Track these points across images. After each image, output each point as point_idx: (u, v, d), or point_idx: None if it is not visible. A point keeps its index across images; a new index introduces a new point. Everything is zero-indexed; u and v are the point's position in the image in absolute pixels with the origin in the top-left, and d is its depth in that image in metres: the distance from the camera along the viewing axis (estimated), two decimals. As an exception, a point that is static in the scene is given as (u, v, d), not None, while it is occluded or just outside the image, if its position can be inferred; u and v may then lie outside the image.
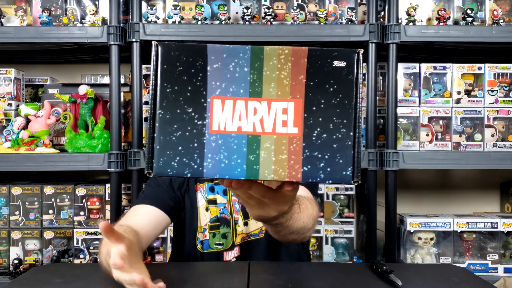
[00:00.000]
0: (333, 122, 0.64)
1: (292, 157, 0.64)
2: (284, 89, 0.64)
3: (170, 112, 0.64)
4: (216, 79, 0.65)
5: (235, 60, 0.65)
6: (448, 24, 1.88)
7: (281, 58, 0.65)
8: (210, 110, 0.64)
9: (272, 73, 0.65)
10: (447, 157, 1.81)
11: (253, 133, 0.64)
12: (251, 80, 0.65)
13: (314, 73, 0.64)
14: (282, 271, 1.11)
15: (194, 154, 0.64)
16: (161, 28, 1.79)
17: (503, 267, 1.87)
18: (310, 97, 0.64)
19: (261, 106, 0.64)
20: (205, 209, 1.35)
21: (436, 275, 1.12)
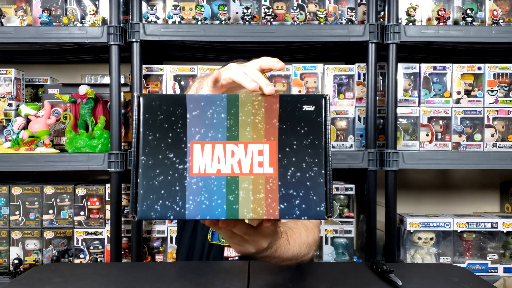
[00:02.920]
0: (305, 161, 0.68)
1: (269, 195, 0.67)
2: (259, 132, 0.69)
3: (153, 158, 0.68)
4: (196, 125, 0.69)
5: (212, 107, 0.70)
6: (448, 24, 1.88)
7: (255, 104, 0.70)
8: (190, 154, 0.68)
9: (247, 118, 0.69)
10: (447, 157, 1.81)
11: (231, 174, 0.68)
12: (228, 125, 0.69)
13: (286, 117, 0.69)
14: (282, 271, 1.11)
15: (176, 197, 0.67)
16: (161, 28, 1.79)
17: (503, 267, 1.87)
18: (283, 139, 0.69)
19: (238, 149, 0.68)
20: None
21: (436, 275, 1.12)
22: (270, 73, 1.93)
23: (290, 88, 1.93)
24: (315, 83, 1.93)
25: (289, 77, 1.93)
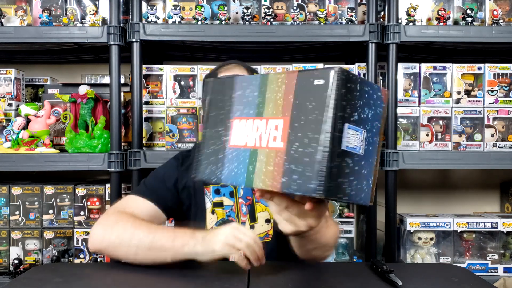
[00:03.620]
0: (307, 137, 0.68)
1: (276, 168, 0.70)
2: (278, 108, 0.72)
3: (210, 131, 0.80)
4: (238, 103, 0.78)
5: (250, 87, 0.77)
6: (448, 24, 1.88)
7: (279, 81, 0.73)
8: (230, 128, 0.78)
9: (272, 95, 0.73)
10: (447, 157, 1.81)
11: (253, 147, 0.74)
12: (257, 102, 0.75)
13: (300, 93, 0.70)
14: (282, 271, 1.11)
15: (218, 164, 0.78)
16: (161, 28, 1.79)
17: (503, 267, 1.87)
18: (294, 114, 0.70)
19: (261, 123, 0.74)
20: (211, 212, 1.34)
21: (436, 275, 1.12)
22: (270, 73, 1.93)
23: (290, 88, 1.93)
24: (315, 83, 1.93)
25: (289, 77, 1.93)
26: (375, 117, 0.72)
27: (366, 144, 0.71)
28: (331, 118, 0.66)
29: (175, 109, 1.90)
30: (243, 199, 1.34)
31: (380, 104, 0.73)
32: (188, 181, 1.34)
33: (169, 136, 1.90)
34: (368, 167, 0.72)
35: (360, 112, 0.69)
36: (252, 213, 1.33)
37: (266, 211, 1.33)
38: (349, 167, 0.69)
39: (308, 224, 0.80)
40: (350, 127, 0.68)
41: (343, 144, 0.68)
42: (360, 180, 0.70)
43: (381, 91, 0.73)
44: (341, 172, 0.68)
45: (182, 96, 1.93)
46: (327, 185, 0.66)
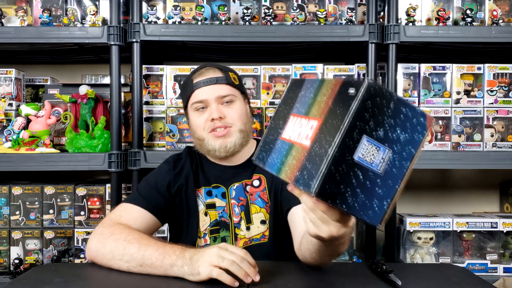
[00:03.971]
0: (326, 139, 0.70)
1: (297, 163, 0.74)
2: (319, 111, 0.76)
3: (273, 123, 0.88)
4: (299, 101, 0.84)
5: (310, 88, 0.81)
6: (448, 24, 1.88)
7: (329, 86, 0.76)
8: (286, 123, 0.83)
9: (320, 98, 0.77)
10: (447, 157, 1.82)
11: (292, 141, 0.78)
12: (310, 103, 0.80)
13: (337, 99, 0.73)
14: (282, 271, 1.11)
15: (268, 151, 0.85)
16: (161, 28, 1.80)
17: (503, 266, 1.87)
18: (326, 117, 0.73)
19: (304, 122, 0.78)
20: (204, 213, 1.35)
21: (435, 274, 1.12)
22: (270, 73, 1.93)
23: (290, 88, 1.93)
24: (315, 83, 1.93)
25: (289, 77, 1.93)
26: (410, 142, 0.71)
27: (389, 165, 0.70)
28: (347, 125, 0.67)
29: (175, 109, 1.90)
30: (235, 199, 1.35)
31: (421, 130, 0.72)
32: (180, 185, 1.34)
33: (169, 136, 1.90)
34: (385, 188, 0.71)
35: (388, 130, 0.70)
36: (247, 215, 1.33)
37: (261, 212, 1.33)
38: (358, 180, 0.69)
39: (330, 232, 0.80)
40: (368, 140, 0.69)
41: (355, 154, 0.68)
42: (370, 197, 0.70)
43: (426, 118, 0.72)
44: (346, 180, 0.68)
45: (182, 96, 1.93)
46: (325, 186, 0.67)
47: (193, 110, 1.34)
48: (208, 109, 1.32)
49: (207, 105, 1.32)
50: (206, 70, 1.36)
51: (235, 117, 1.32)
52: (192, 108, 1.35)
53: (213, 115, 1.30)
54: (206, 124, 1.31)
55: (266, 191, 1.34)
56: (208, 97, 1.32)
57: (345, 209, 0.69)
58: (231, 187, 1.35)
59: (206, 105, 1.32)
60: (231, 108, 1.33)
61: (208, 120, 1.31)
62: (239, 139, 1.31)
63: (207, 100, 1.32)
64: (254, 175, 1.36)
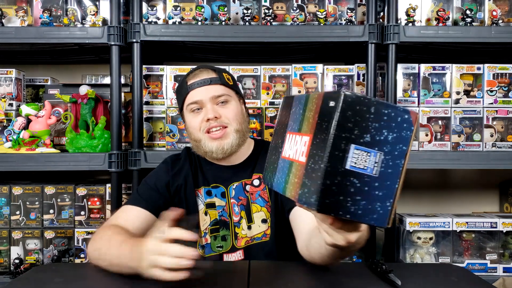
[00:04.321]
0: (318, 154, 0.72)
1: (298, 181, 0.75)
2: (309, 126, 0.77)
3: (273, 142, 0.90)
4: (291, 119, 0.86)
5: (299, 105, 0.83)
6: (447, 24, 1.88)
7: (313, 101, 0.78)
8: (284, 141, 0.85)
9: (308, 113, 0.79)
10: (446, 157, 1.82)
11: (292, 159, 0.80)
12: (300, 119, 0.82)
13: (321, 113, 0.75)
14: (282, 271, 1.11)
15: (273, 172, 0.87)
16: (161, 28, 1.80)
17: (502, 266, 1.87)
18: (315, 132, 0.74)
19: (299, 139, 0.80)
20: (204, 213, 1.35)
21: (435, 274, 1.12)
22: (270, 74, 1.93)
23: (290, 88, 1.93)
24: (314, 84, 1.94)
25: (289, 77, 1.94)
26: (399, 140, 0.72)
27: (383, 166, 0.72)
28: (331, 138, 0.69)
29: (175, 109, 1.91)
30: (235, 199, 1.35)
31: (408, 127, 0.73)
32: (179, 185, 1.35)
33: (169, 136, 1.91)
34: (385, 190, 0.72)
35: (374, 134, 0.71)
36: (248, 214, 1.34)
37: (262, 211, 1.34)
38: (355, 187, 0.70)
39: (347, 240, 0.82)
40: (357, 148, 0.70)
41: (347, 164, 0.70)
42: (371, 201, 0.71)
43: (410, 113, 0.73)
44: (343, 190, 0.70)
45: (182, 96, 1.93)
46: (324, 201, 0.69)
47: (189, 111, 1.35)
48: (203, 109, 1.33)
49: (202, 106, 1.33)
50: (200, 72, 1.37)
51: (230, 117, 1.33)
52: (187, 109, 1.35)
53: (209, 115, 1.30)
54: (201, 124, 1.32)
55: (266, 190, 1.35)
56: (202, 98, 1.32)
57: (349, 218, 0.70)
58: (231, 187, 1.36)
59: (201, 106, 1.33)
60: (226, 108, 1.33)
61: (204, 121, 1.31)
62: (235, 139, 1.32)
63: (202, 101, 1.32)
64: (254, 174, 1.37)
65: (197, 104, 1.33)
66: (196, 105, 1.33)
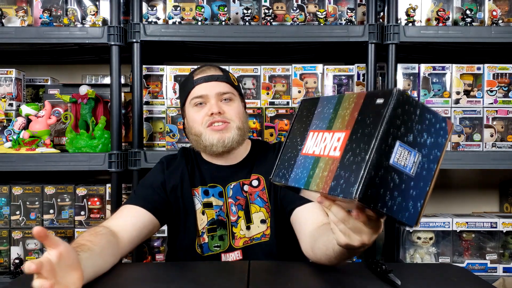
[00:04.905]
0: (360, 147, 0.73)
1: (329, 174, 0.76)
2: (344, 123, 0.80)
3: (290, 141, 0.92)
4: (316, 118, 0.88)
5: (328, 105, 0.86)
6: (447, 24, 1.88)
7: (350, 100, 0.80)
8: (306, 139, 0.87)
9: (342, 112, 0.81)
10: (446, 157, 1.82)
11: (317, 155, 0.82)
12: (330, 118, 0.84)
13: (363, 110, 0.77)
14: (282, 271, 1.11)
15: (289, 168, 0.87)
16: (161, 28, 1.80)
17: (502, 266, 1.87)
18: (355, 128, 0.76)
19: (329, 135, 0.82)
20: (201, 212, 1.35)
21: (435, 274, 1.12)
22: (270, 74, 1.93)
23: (290, 88, 1.93)
24: (314, 84, 1.94)
25: (289, 77, 1.94)
26: (435, 145, 0.76)
27: (419, 167, 0.74)
28: (382, 131, 0.71)
29: (175, 109, 1.91)
30: (232, 199, 1.35)
31: (443, 134, 0.76)
32: (175, 184, 1.35)
33: (169, 136, 1.91)
34: (418, 190, 0.75)
35: (416, 136, 0.74)
36: (247, 214, 1.34)
37: (261, 212, 1.34)
38: (395, 183, 0.72)
39: (362, 240, 0.82)
40: (401, 145, 0.73)
41: (391, 159, 0.72)
42: (406, 199, 0.74)
43: (447, 123, 0.76)
44: (384, 184, 0.71)
45: (182, 96, 1.93)
46: (366, 190, 0.70)
47: (192, 105, 1.35)
48: (208, 104, 1.33)
49: (206, 101, 1.34)
50: (207, 68, 1.39)
51: (233, 114, 1.34)
52: (191, 103, 1.36)
53: (213, 109, 1.31)
54: (204, 118, 1.32)
55: (265, 190, 1.35)
56: (208, 93, 1.33)
57: (385, 212, 0.72)
58: (228, 186, 1.36)
59: (205, 101, 1.34)
60: (229, 106, 1.34)
61: (207, 115, 1.32)
62: (236, 135, 1.32)
63: (207, 96, 1.33)
64: (252, 175, 1.37)
65: (201, 98, 1.34)
66: (201, 99, 1.34)
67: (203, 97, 1.34)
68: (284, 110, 1.90)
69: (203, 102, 1.34)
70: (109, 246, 1.09)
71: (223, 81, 1.36)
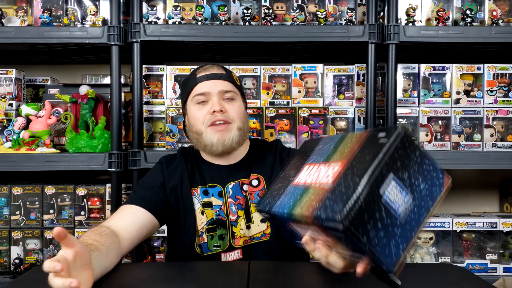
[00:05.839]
0: (354, 176, 0.72)
1: (315, 202, 0.76)
2: (342, 156, 0.80)
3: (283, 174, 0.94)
4: (315, 154, 0.89)
5: (329, 142, 0.88)
6: (448, 24, 1.88)
7: (353, 138, 0.83)
8: (300, 171, 0.88)
9: (343, 147, 0.82)
10: (447, 157, 1.82)
11: (308, 185, 0.82)
12: (330, 152, 0.85)
13: (365, 144, 0.77)
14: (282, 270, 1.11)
15: (276, 197, 0.89)
16: (161, 28, 1.80)
17: (502, 266, 1.87)
18: (352, 159, 0.77)
19: (324, 167, 0.82)
20: (201, 212, 1.35)
21: (435, 274, 1.12)
22: (270, 74, 1.93)
23: (290, 88, 1.93)
24: (315, 83, 1.94)
25: (289, 77, 1.94)
26: (429, 194, 0.75)
27: (408, 210, 0.73)
28: (378, 160, 0.71)
29: (175, 109, 1.91)
30: (232, 198, 1.35)
31: (439, 187, 0.75)
32: (174, 184, 1.35)
33: (169, 136, 1.91)
34: (403, 237, 0.73)
35: (411, 177, 0.73)
36: (247, 214, 1.34)
37: None
38: (382, 221, 0.71)
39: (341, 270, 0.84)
40: (394, 179, 0.72)
41: (381, 189, 0.70)
42: (389, 241, 0.72)
43: (444, 177, 0.76)
44: (371, 217, 0.70)
45: (182, 96, 1.93)
46: (351, 217, 0.68)
47: (194, 103, 1.36)
48: (210, 102, 1.34)
49: (208, 99, 1.34)
50: (211, 67, 1.40)
51: (235, 114, 1.34)
52: (193, 101, 1.36)
53: (215, 107, 1.31)
54: (206, 117, 1.33)
55: (265, 190, 1.35)
56: (211, 90, 1.34)
57: (367, 246, 0.70)
58: (228, 186, 1.36)
59: (207, 99, 1.34)
60: (231, 105, 1.35)
61: (209, 113, 1.32)
62: (237, 136, 1.32)
63: (210, 93, 1.34)
64: (252, 174, 1.37)
65: (204, 96, 1.34)
66: (203, 97, 1.34)
67: (205, 94, 1.34)
68: (284, 110, 1.90)
69: (205, 100, 1.34)
70: (113, 247, 1.10)
71: (226, 80, 1.37)
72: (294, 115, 1.89)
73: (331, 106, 1.93)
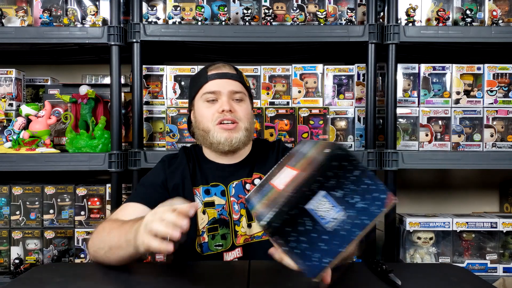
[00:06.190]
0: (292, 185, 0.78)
1: (267, 202, 0.82)
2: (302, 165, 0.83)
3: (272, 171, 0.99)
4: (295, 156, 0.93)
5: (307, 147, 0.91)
6: (448, 24, 1.88)
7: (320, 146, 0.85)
8: (280, 172, 0.92)
9: (309, 155, 0.85)
10: (447, 157, 1.82)
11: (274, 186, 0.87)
12: (300, 157, 0.88)
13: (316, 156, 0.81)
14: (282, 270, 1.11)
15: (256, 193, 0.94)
16: (161, 28, 1.80)
17: (502, 266, 1.87)
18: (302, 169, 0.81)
19: (289, 172, 0.86)
20: (202, 212, 1.35)
21: (435, 274, 1.12)
22: (270, 74, 1.93)
23: (290, 88, 1.93)
24: (314, 83, 1.94)
25: (289, 77, 1.93)
26: (366, 212, 0.75)
27: (339, 225, 0.74)
28: (307, 175, 0.75)
29: (175, 109, 1.91)
30: (234, 197, 1.35)
31: (379, 205, 0.75)
32: (176, 183, 1.35)
33: (169, 136, 1.91)
34: (330, 246, 0.74)
35: (346, 194, 0.75)
36: (249, 212, 1.34)
37: None
38: (305, 228, 0.74)
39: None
40: (325, 196, 0.74)
41: (309, 204, 0.74)
42: (313, 249, 0.74)
43: (387, 196, 0.76)
44: (293, 224, 0.74)
45: (182, 97, 1.93)
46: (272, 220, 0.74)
47: (203, 100, 1.37)
48: (219, 101, 1.35)
49: (218, 98, 1.35)
50: (222, 66, 1.41)
51: (243, 115, 1.36)
52: (202, 98, 1.37)
53: (224, 106, 1.32)
54: (214, 115, 1.34)
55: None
56: (221, 89, 1.35)
57: (286, 250, 0.75)
58: (230, 185, 1.36)
59: (217, 98, 1.35)
60: (240, 106, 1.37)
61: (218, 112, 1.33)
62: (244, 136, 1.34)
63: (220, 92, 1.35)
64: (254, 174, 1.37)
65: (214, 94, 1.35)
66: (213, 95, 1.35)
67: (215, 93, 1.35)
68: (284, 110, 1.90)
69: (215, 98, 1.36)
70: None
71: (236, 80, 1.38)
72: (294, 115, 1.89)
73: (331, 106, 1.93)
